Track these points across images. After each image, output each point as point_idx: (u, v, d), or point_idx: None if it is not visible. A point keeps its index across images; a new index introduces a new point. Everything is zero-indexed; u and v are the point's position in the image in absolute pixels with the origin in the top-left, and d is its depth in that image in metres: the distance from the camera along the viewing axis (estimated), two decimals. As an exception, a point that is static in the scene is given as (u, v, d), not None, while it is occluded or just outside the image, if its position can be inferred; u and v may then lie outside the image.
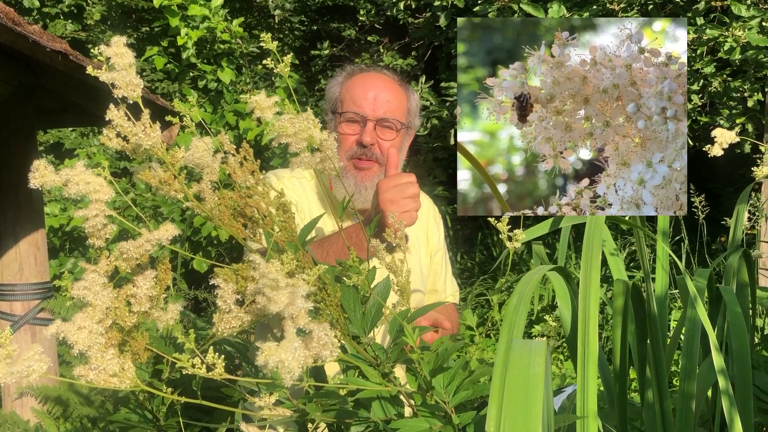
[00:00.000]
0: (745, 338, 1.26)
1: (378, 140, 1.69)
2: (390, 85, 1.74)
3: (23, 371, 0.70)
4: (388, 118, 1.70)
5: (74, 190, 0.79)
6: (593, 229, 1.07)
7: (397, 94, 1.74)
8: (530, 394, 0.65)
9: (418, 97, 1.84)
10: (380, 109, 1.70)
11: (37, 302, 2.45)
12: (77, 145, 6.09)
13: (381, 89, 1.71)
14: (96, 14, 6.50)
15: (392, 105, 1.71)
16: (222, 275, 0.83)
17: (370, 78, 1.75)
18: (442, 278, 1.93)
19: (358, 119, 1.69)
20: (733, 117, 4.44)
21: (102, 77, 0.79)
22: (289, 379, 0.71)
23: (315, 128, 0.84)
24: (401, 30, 6.44)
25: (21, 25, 1.67)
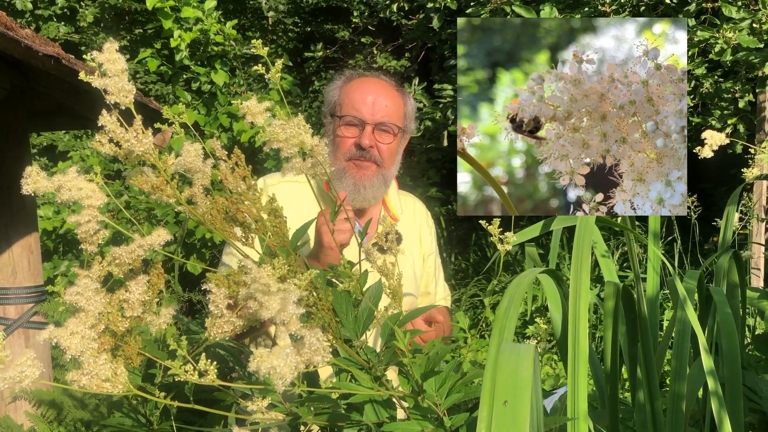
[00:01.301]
0: (735, 339, 1.27)
1: (376, 143, 1.73)
2: (388, 91, 1.78)
3: (16, 377, 0.70)
4: (386, 122, 1.74)
5: (67, 196, 0.80)
6: (583, 232, 1.07)
7: (395, 99, 1.78)
8: (518, 397, 0.66)
9: (414, 101, 1.87)
10: (378, 113, 1.73)
11: (30, 306, 2.44)
12: (70, 148, 6.08)
13: (379, 94, 1.75)
14: (89, 16, 6.49)
15: (390, 110, 1.75)
16: (214, 280, 0.83)
17: (369, 83, 1.78)
18: (434, 281, 1.95)
19: (357, 123, 1.73)
20: (724, 117, 4.46)
21: (95, 83, 0.79)
22: (281, 384, 0.71)
23: (306, 134, 0.84)
24: (395, 31, 6.45)
25: (13, 30, 1.67)
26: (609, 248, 5.03)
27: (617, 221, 1.46)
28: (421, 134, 5.60)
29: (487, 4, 4.32)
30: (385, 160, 1.75)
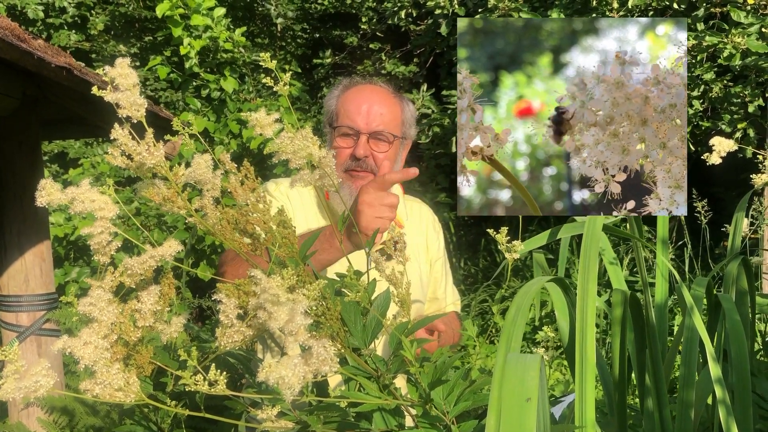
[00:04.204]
0: (744, 346, 1.27)
1: (372, 152, 1.72)
2: (384, 98, 1.76)
3: (31, 386, 0.71)
4: (382, 130, 1.72)
5: (80, 208, 0.81)
6: (590, 242, 1.08)
7: (391, 107, 1.76)
8: (524, 408, 0.66)
9: (413, 107, 1.86)
10: (373, 122, 1.72)
11: (42, 313, 2.47)
12: (81, 155, 6.12)
13: (374, 102, 1.74)
14: (99, 24, 6.54)
15: (385, 118, 1.74)
16: (224, 290, 0.84)
17: (364, 91, 1.77)
18: (442, 287, 1.95)
19: (351, 133, 1.72)
20: (734, 122, 4.44)
21: (107, 98, 0.80)
22: (290, 394, 0.72)
23: (314, 146, 0.86)
24: (403, 37, 6.47)
25: (26, 41, 1.69)
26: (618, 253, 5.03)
27: (625, 229, 1.47)
28: (429, 140, 5.61)
29: (494, 10, 4.33)
30: (382, 169, 1.74)
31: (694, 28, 4.12)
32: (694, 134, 4.65)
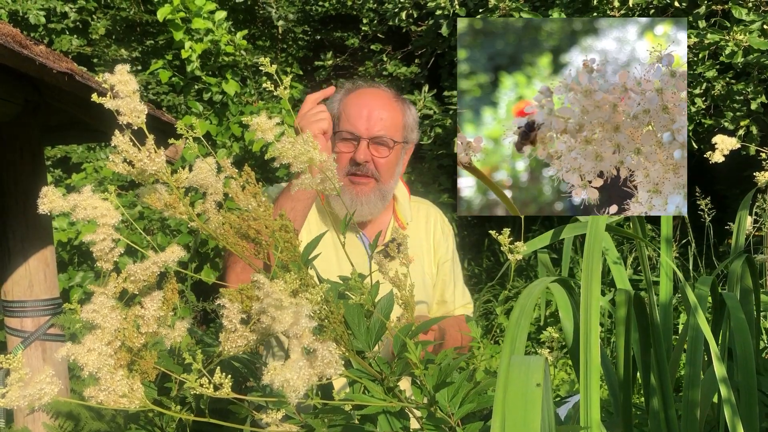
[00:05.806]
0: (749, 344, 1.26)
1: (372, 157, 1.72)
2: (385, 103, 1.76)
3: (35, 394, 0.72)
4: (382, 135, 1.72)
5: (82, 215, 0.81)
6: (593, 242, 1.08)
7: (392, 111, 1.76)
8: (529, 409, 0.66)
9: (415, 110, 1.87)
10: (374, 127, 1.72)
11: (47, 318, 2.47)
12: (84, 159, 6.13)
13: (375, 107, 1.74)
14: (101, 29, 6.55)
15: (386, 123, 1.73)
16: (227, 295, 0.84)
17: (365, 96, 1.77)
18: (450, 289, 1.94)
19: (352, 138, 1.72)
20: (737, 120, 4.43)
21: (107, 105, 0.81)
22: (295, 397, 0.72)
23: (314, 150, 0.86)
24: (404, 38, 6.47)
25: (28, 48, 1.69)
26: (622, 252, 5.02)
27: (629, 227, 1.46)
28: (431, 141, 5.61)
29: (495, 11, 4.33)
30: (383, 174, 1.73)
31: (696, 25, 4.11)
32: (696, 132, 4.64)
